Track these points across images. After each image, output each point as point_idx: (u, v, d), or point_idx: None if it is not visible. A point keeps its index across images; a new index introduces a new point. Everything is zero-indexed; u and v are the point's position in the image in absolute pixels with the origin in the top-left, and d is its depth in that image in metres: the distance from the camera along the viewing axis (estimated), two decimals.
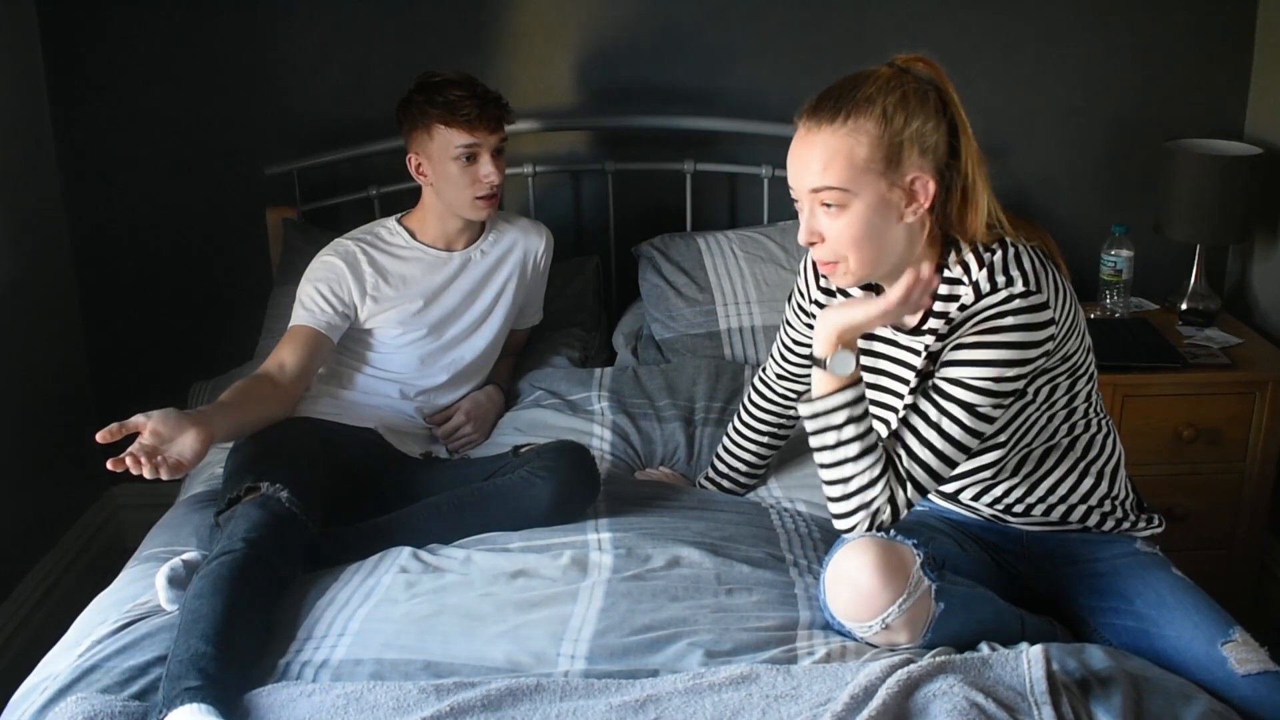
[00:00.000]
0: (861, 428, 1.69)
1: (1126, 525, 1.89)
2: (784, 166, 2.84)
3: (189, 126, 2.97)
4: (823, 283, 1.95)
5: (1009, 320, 1.65)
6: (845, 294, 1.89)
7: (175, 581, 1.81)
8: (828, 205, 1.69)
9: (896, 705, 1.50)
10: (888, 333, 1.83)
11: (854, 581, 1.65)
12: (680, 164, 2.93)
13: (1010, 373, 1.66)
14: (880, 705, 1.49)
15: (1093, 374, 1.82)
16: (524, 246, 2.57)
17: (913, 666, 1.56)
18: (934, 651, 1.65)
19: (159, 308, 3.11)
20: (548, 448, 2.14)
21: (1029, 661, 1.59)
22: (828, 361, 1.69)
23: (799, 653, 1.67)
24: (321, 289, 2.35)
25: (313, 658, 1.68)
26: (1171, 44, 2.97)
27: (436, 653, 1.68)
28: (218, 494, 2.12)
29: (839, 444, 1.69)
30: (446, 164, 2.38)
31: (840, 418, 1.69)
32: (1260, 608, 2.85)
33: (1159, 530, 1.92)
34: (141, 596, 1.87)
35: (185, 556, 1.87)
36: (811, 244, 1.74)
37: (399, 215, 2.54)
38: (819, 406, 1.70)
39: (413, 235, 2.49)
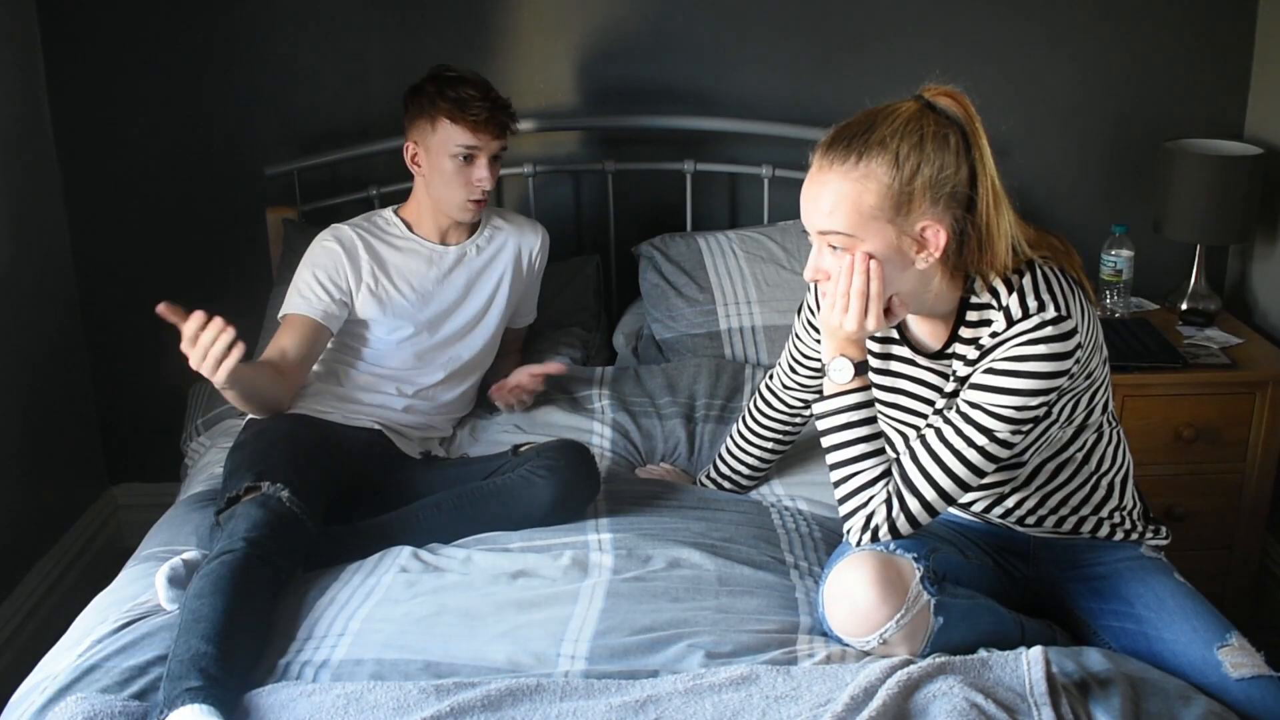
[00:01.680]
0: (862, 432, 1.72)
1: (1135, 536, 1.89)
2: (783, 166, 2.90)
3: (189, 127, 2.97)
4: None
5: (1040, 349, 1.63)
6: None
7: (175, 581, 1.81)
8: (834, 247, 1.67)
9: (896, 706, 1.50)
10: (906, 352, 1.81)
11: (851, 597, 1.65)
12: (680, 164, 2.93)
13: (1034, 401, 1.65)
14: (880, 706, 1.49)
15: (1109, 383, 1.81)
16: (518, 243, 2.57)
17: (912, 668, 1.57)
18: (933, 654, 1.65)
19: None
20: (547, 446, 2.14)
21: (1028, 663, 1.59)
22: (827, 368, 1.73)
23: (799, 655, 1.68)
24: (320, 275, 2.35)
25: (313, 658, 1.68)
26: (1171, 44, 2.97)
27: (436, 653, 1.68)
28: (218, 493, 2.11)
29: (840, 445, 1.73)
30: (443, 159, 2.38)
31: (839, 421, 1.72)
32: (1260, 608, 2.85)
33: (1165, 542, 1.92)
34: (141, 596, 1.87)
35: (185, 556, 1.87)
36: (816, 280, 1.71)
37: (394, 207, 2.54)
38: (822, 408, 1.74)
39: (409, 228, 2.49)
